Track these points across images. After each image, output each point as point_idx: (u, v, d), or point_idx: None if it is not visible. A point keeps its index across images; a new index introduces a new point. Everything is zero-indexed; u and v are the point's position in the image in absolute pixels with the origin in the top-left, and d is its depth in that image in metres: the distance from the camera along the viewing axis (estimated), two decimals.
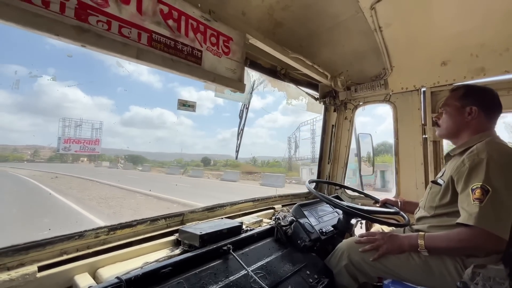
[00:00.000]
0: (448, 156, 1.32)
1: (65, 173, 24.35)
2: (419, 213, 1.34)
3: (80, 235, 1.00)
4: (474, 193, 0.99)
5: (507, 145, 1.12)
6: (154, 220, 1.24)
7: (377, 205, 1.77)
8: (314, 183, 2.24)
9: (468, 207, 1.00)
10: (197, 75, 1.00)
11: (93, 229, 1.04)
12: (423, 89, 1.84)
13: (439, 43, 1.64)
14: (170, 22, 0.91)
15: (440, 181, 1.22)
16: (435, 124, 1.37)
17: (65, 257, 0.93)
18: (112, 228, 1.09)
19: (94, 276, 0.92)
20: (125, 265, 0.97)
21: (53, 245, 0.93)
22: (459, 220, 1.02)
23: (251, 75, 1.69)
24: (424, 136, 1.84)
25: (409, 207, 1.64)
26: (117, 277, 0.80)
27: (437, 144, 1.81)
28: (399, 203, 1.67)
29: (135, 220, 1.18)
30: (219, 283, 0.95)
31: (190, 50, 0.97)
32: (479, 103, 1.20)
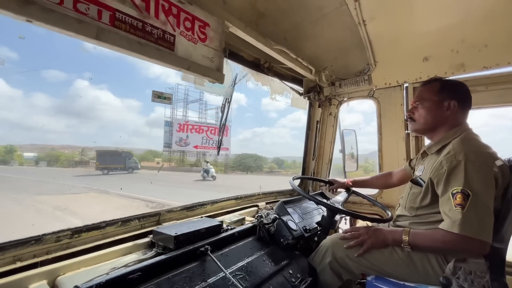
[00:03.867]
0: (425, 153, 1.29)
1: None
2: (400, 210, 1.33)
3: (38, 239, 0.89)
4: (455, 198, 0.97)
5: (481, 141, 1.12)
6: (126, 221, 1.15)
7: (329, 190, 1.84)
8: (299, 180, 2.21)
9: (450, 213, 0.98)
10: (169, 61, 0.91)
11: (53, 233, 0.93)
12: (405, 84, 1.84)
13: (421, 38, 1.64)
14: (137, 1, 0.82)
15: (420, 181, 1.20)
16: (410, 118, 1.31)
17: (18, 264, 0.83)
18: (77, 231, 0.99)
19: (54, 285, 0.82)
20: (91, 272, 0.87)
21: (3, 252, 0.82)
22: (442, 226, 1.00)
23: (233, 68, 1.62)
24: (406, 131, 1.85)
25: (358, 185, 1.74)
26: (76, 286, 0.71)
27: (419, 139, 1.82)
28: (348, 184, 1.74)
29: (104, 222, 1.08)
30: (195, 287, 0.88)
31: (161, 33, 0.88)
32: (458, 98, 1.18)
